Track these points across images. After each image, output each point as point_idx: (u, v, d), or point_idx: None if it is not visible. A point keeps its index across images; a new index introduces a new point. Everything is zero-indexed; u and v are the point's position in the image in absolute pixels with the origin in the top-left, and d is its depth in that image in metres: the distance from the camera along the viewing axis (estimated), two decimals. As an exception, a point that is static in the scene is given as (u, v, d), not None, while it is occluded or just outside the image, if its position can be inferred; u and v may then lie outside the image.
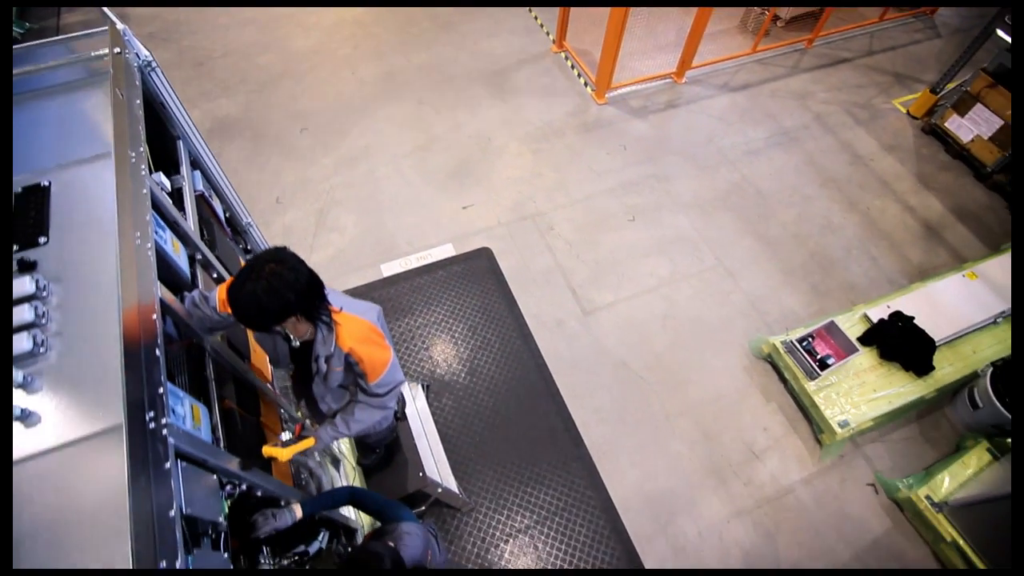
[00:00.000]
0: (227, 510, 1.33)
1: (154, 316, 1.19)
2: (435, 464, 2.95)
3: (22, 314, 1.09)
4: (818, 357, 3.47)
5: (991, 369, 3.36)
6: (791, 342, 3.50)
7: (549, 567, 2.97)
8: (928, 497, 3.15)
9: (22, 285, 1.12)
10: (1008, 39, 4.45)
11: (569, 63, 5.49)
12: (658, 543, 3.09)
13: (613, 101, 5.19)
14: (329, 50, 5.43)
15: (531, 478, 3.23)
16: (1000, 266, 4.05)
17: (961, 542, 3.00)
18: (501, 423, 3.42)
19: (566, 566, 2.98)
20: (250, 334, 2.04)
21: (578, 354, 3.71)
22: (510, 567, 2.96)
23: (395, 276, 3.98)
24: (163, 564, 0.93)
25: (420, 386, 3.35)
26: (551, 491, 3.20)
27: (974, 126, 4.78)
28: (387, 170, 4.55)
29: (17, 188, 1.30)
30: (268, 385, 1.96)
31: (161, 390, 1.10)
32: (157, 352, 1.14)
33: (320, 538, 1.98)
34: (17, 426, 1.01)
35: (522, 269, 4.07)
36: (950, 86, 5.03)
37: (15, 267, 1.17)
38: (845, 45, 5.97)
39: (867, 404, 3.41)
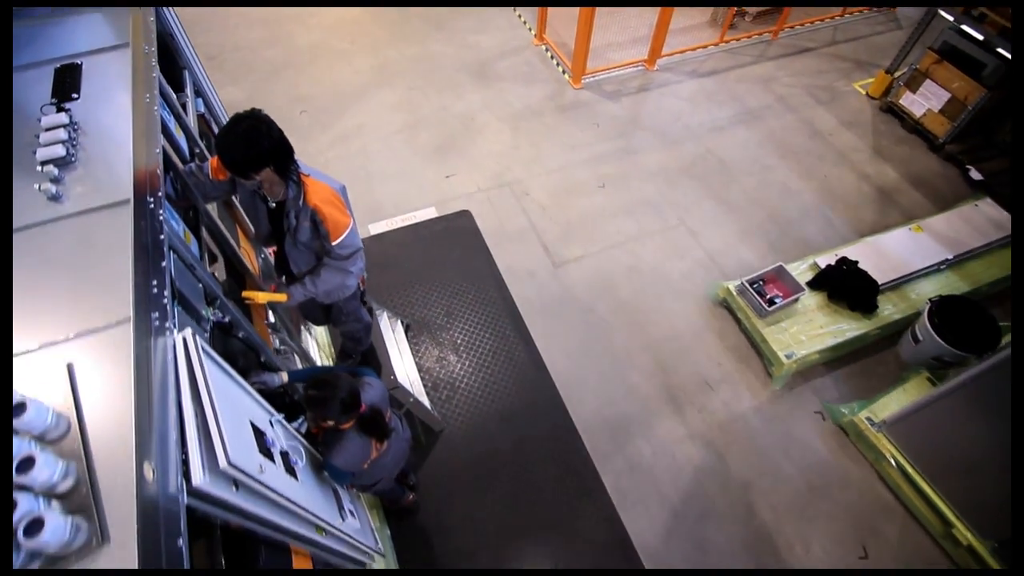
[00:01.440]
0: (211, 318, 1.66)
1: (157, 150, 1.55)
2: (410, 385, 3.25)
3: (57, 135, 1.46)
4: (767, 297, 3.75)
5: (929, 305, 3.62)
6: (743, 283, 3.79)
7: (518, 490, 3.22)
8: (869, 419, 3.38)
9: (59, 119, 1.50)
10: (951, 18, 4.82)
11: (549, 54, 5.95)
12: (616, 461, 3.34)
13: (588, 86, 5.61)
14: (329, 45, 5.95)
15: (500, 406, 3.51)
16: (946, 221, 4.33)
17: (899, 457, 3.22)
18: (473, 359, 3.72)
19: (527, 485, 3.23)
20: (239, 222, 2.40)
21: (548, 301, 4.03)
22: (481, 483, 3.22)
23: (382, 234, 4.36)
24: (154, 287, 1.26)
25: (400, 322, 3.68)
26: (518, 415, 3.47)
27: (925, 101, 5.11)
28: (378, 146, 4.98)
29: (57, 65, 1.70)
30: (250, 265, 2.31)
31: (160, 193, 1.44)
32: (158, 173, 1.50)
33: (300, 420, 2.27)
34: (50, 203, 1.37)
35: (498, 229, 4.42)
36: (903, 66, 5.38)
37: (54, 109, 1.54)
38: (810, 36, 6.37)
39: (813, 339, 3.67)
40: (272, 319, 2.32)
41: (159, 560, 0.93)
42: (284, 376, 2.12)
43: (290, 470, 1.57)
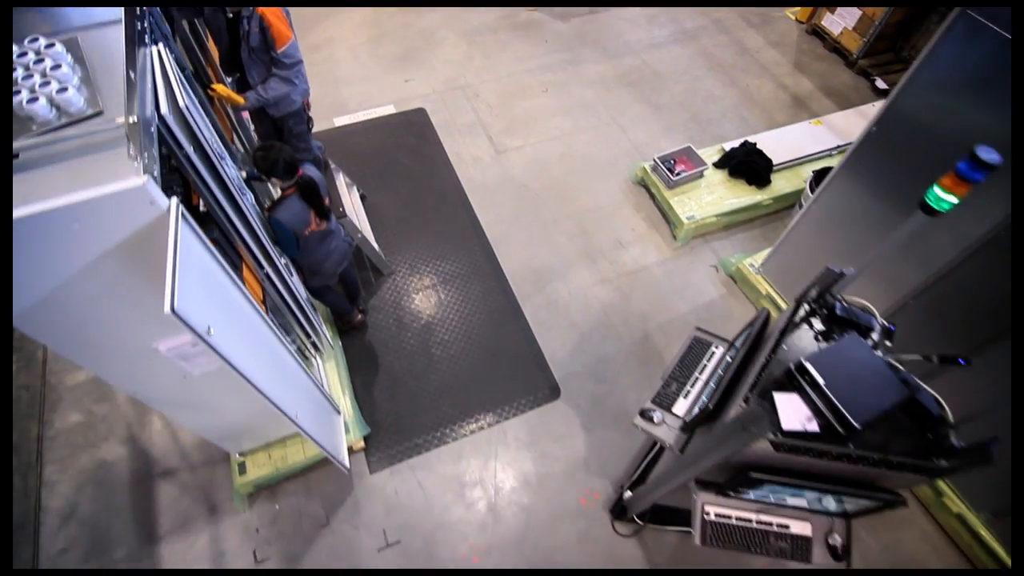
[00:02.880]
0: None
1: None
2: (359, 227, 3.82)
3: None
4: (675, 171, 4.33)
5: (811, 177, 4.20)
6: (655, 160, 4.36)
7: (448, 314, 3.82)
8: (751, 264, 3.99)
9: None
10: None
11: (508, -18, 6.42)
12: (536, 298, 3.94)
13: (542, 10, 6.10)
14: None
15: (440, 258, 4.10)
16: (844, 117, 4.89)
17: (772, 291, 3.84)
18: (418, 221, 4.30)
19: (459, 314, 3.83)
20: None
21: (489, 180, 4.59)
22: (419, 317, 3.82)
23: (345, 126, 4.89)
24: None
25: (356, 188, 4.24)
26: (455, 263, 4.07)
27: (841, 20, 5.64)
28: (345, 55, 5.48)
29: None
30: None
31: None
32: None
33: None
34: None
35: (449, 123, 4.96)
36: (827, -9, 5.88)
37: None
38: (752, -30, 6.85)
39: (713, 205, 4.26)
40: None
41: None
42: (243, 173, 2.69)
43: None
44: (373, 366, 3.59)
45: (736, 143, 4.56)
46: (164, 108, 1.62)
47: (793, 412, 1.70)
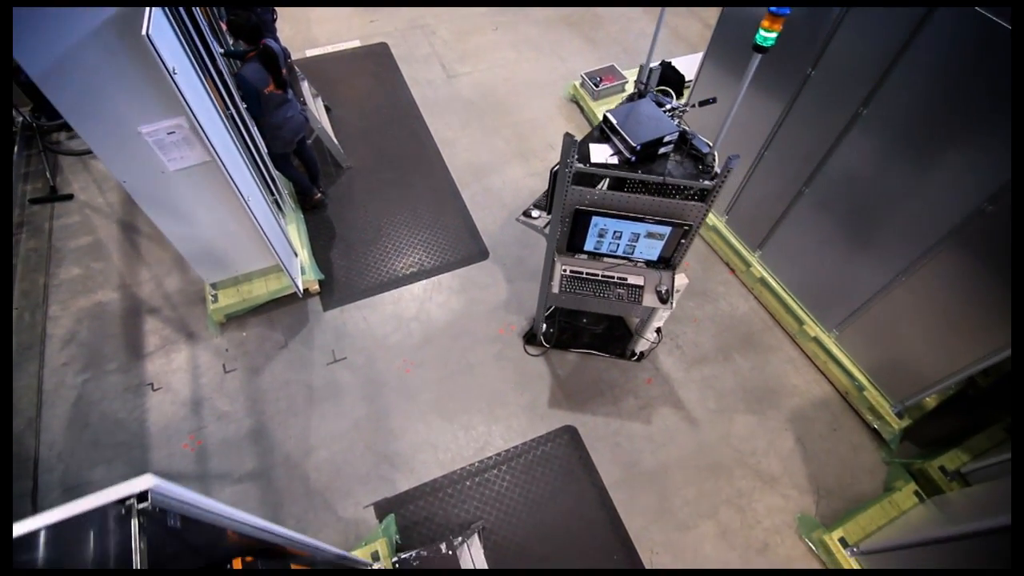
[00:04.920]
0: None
1: None
2: (322, 124, 4.45)
3: None
4: (600, 85, 4.97)
5: (716, 87, 4.83)
6: (583, 76, 5.00)
7: (397, 197, 4.44)
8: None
9: None
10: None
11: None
12: (474, 186, 4.57)
13: (498, -35, 6.78)
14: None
15: (393, 157, 4.73)
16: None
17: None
18: (376, 130, 4.94)
19: (406, 198, 4.45)
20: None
21: (440, 98, 5.23)
22: (372, 199, 4.43)
23: (314, 56, 5.54)
24: None
25: (321, 100, 4.87)
26: (406, 161, 4.70)
27: (762, -31, 6.30)
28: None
29: None
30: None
31: None
32: None
33: None
34: None
35: (408, 55, 5.61)
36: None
37: None
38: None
39: (631, 113, 4.89)
40: None
41: None
42: (221, 50, 3.32)
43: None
44: (330, 235, 4.20)
45: (655, 63, 5.20)
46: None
47: (601, 152, 2.32)
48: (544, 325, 3.57)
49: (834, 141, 3.03)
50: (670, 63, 5.09)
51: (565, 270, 2.70)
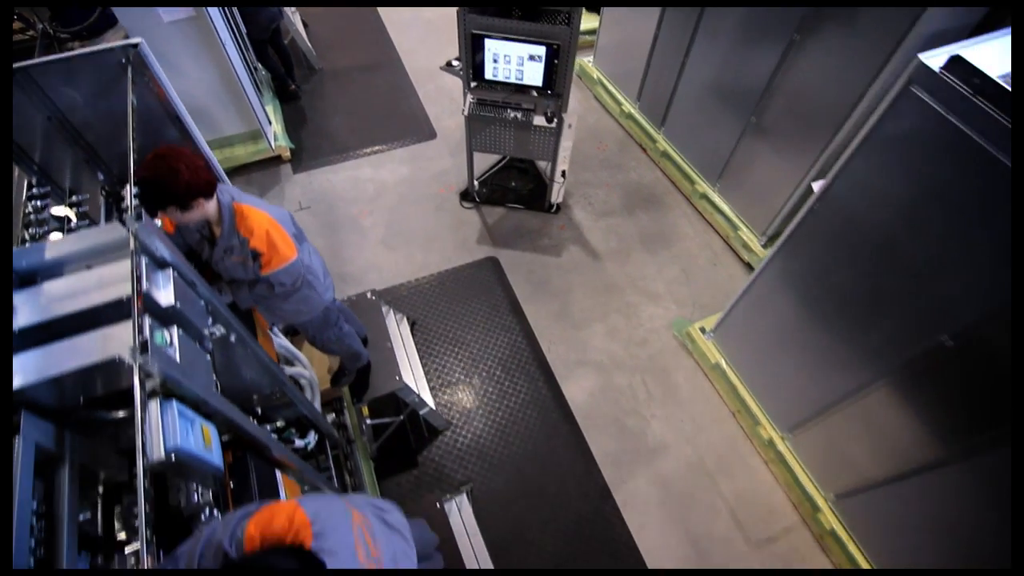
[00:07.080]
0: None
1: None
2: (296, 27, 5.16)
3: None
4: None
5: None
6: None
7: (360, 96, 5.15)
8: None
9: None
10: None
11: None
12: (428, 86, 5.28)
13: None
14: None
15: (361, 66, 5.45)
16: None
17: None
18: (347, 46, 5.66)
19: (368, 94, 5.16)
20: None
21: (404, 20, 5.95)
22: (340, 95, 5.15)
23: None
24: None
25: (299, 17, 5.59)
26: (372, 66, 5.42)
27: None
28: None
29: None
30: None
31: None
32: None
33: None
34: None
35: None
36: None
37: None
38: None
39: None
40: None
41: None
42: None
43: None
44: (301, 119, 4.93)
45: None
46: None
47: (489, -14, 3.02)
48: (476, 184, 4.29)
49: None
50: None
51: (473, 99, 3.41)
